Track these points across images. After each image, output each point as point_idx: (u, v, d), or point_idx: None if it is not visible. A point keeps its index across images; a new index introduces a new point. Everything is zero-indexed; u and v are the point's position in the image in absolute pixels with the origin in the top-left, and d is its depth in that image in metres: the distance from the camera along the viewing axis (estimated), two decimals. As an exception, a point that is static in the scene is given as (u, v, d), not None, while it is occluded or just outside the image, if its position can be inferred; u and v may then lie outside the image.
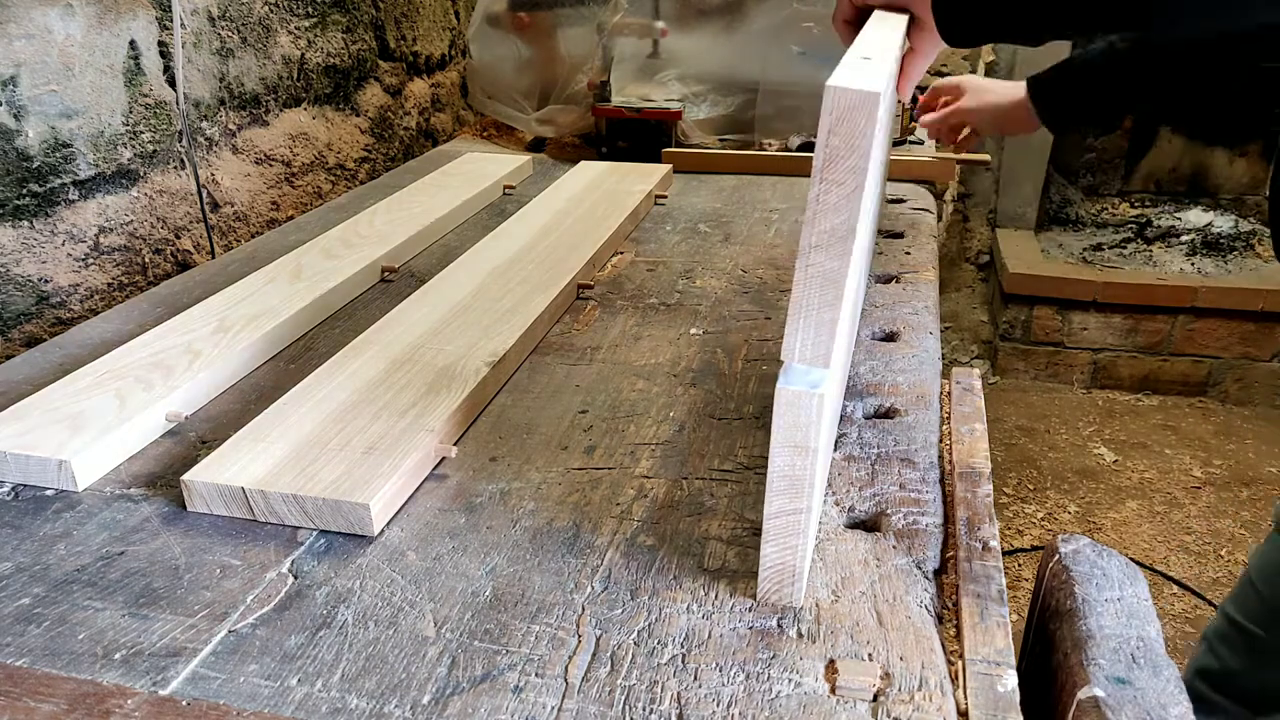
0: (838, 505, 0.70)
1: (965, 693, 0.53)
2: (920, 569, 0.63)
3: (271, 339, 0.94)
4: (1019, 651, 0.64)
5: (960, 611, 0.60)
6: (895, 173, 1.48)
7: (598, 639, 0.57)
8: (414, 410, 0.77)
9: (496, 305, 0.98)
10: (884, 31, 0.68)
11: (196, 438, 0.79)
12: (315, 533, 0.67)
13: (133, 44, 1.22)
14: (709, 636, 0.57)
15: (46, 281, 1.13)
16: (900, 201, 1.41)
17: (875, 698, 0.53)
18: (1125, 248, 2.87)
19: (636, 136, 1.62)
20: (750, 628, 0.58)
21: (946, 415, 0.86)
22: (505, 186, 1.46)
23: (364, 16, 1.72)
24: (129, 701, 0.52)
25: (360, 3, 1.70)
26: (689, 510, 0.69)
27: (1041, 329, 2.79)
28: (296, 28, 1.54)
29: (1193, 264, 2.79)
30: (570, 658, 0.56)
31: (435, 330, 0.92)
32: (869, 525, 0.69)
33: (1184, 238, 2.84)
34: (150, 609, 0.60)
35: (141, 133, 1.25)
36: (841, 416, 0.82)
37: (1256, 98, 2.84)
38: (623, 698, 0.53)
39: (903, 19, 0.77)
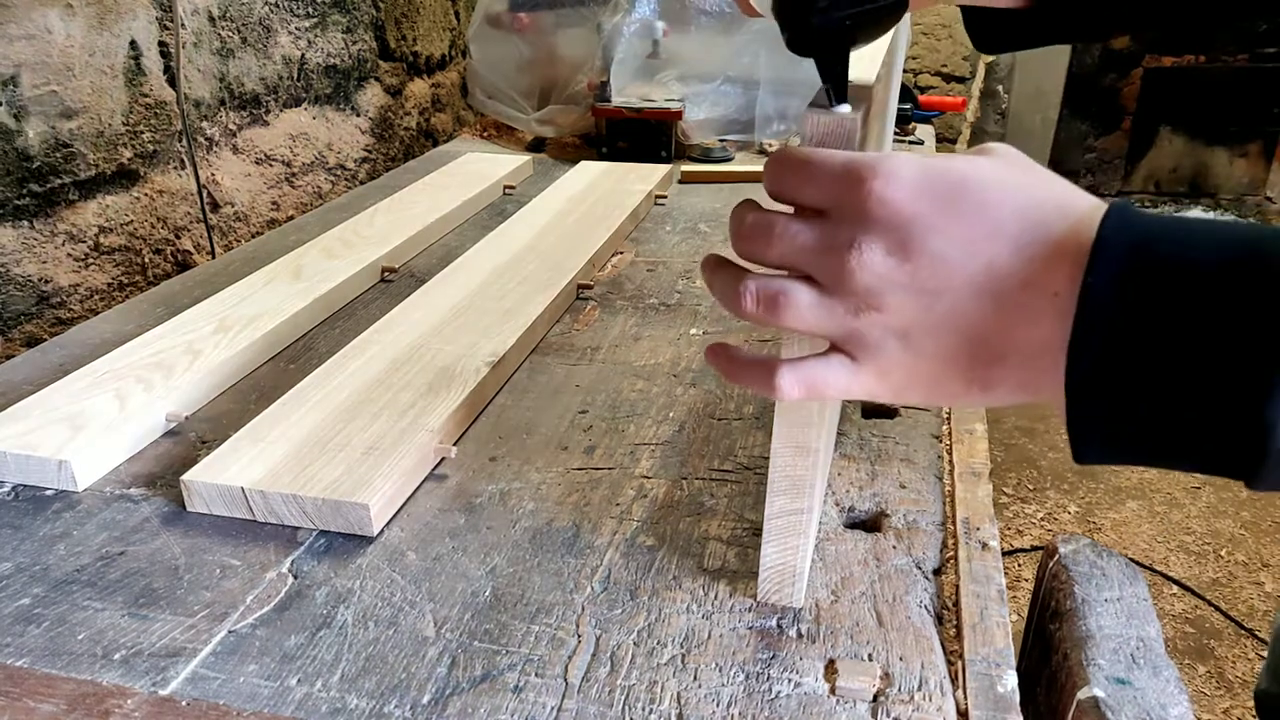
0: (838, 505, 0.70)
1: (965, 693, 0.53)
2: (920, 569, 0.63)
3: (271, 339, 0.94)
4: (1019, 651, 0.64)
5: (960, 611, 0.60)
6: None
7: (598, 639, 0.57)
8: (414, 410, 0.77)
9: (496, 305, 0.98)
10: (869, 46, 0.67)
11: (196, 438, 0.79)
12: (315, 533, 0.67)
13: (133, 44, 1.22)
14: (709, 636, 0.57)
15: (46, 281, 1.13)
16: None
17: (875, 698, 0.53)
18: (1125, 248, 2.87)
19: (636, 136, 1.62)
20: (750, 628, 0.58)
21: (946, 415, 0.86)
22: (505, 186, 1.46)
23: (364, 17, 1.72)
24: (129, 701, 0.52)
25: (360, 3, 1.70)
26: (689, 510, 0.69)
27: (1041, 329, 2.79)
28: (297, 28, 1.54)
29: (1193, 264, 2.79)
30: (570, 658, 0.56)
31: (435, 330, 0.92)
32: (869, 525, 0.69)
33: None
34: (150, 609, 0.60)
35: (142, 133, 1.25)
36: (841, 416, 0.82)
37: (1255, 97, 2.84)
38: (623, 698, 0.53)
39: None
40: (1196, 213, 2.91)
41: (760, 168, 1.56)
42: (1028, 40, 0.65)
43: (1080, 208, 0.37)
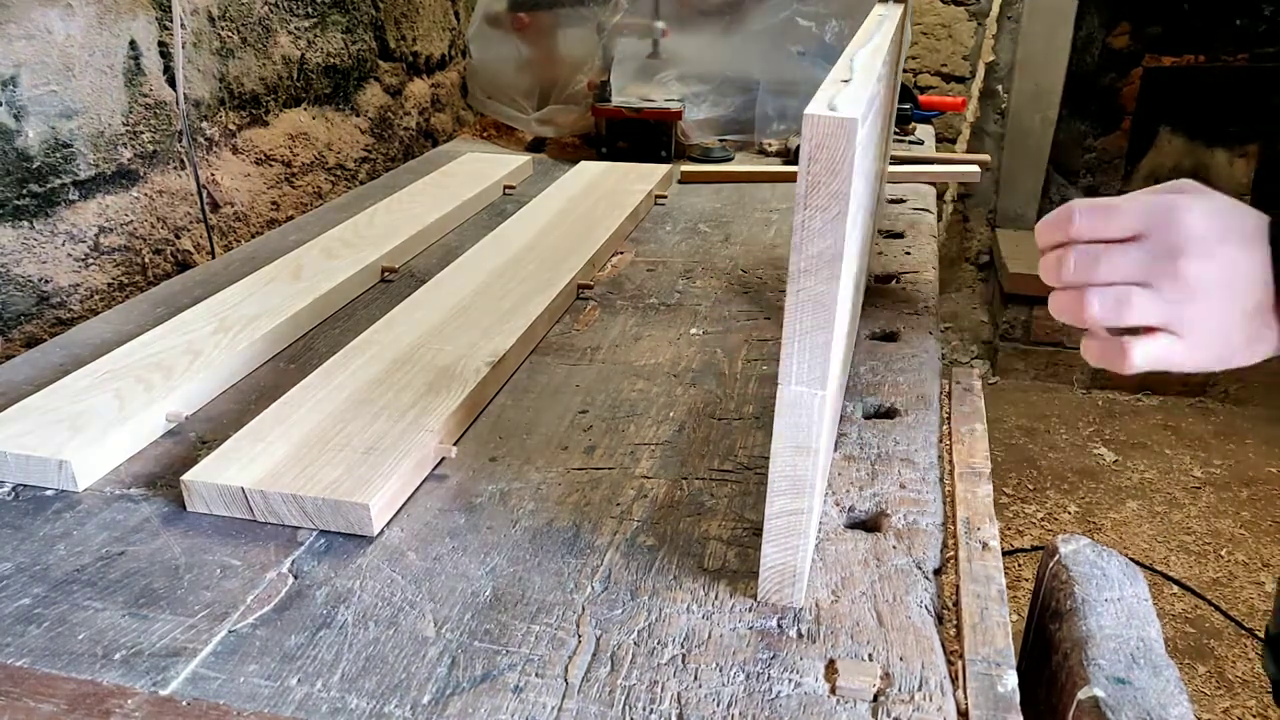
0: (838, 505, 0.70)
1: (965, 693, 0.53)
2: (920, 569, 0.63)
3: (271, 339, 0.94)
4: (1019, 651, 0.64)
5: (960, 611, 0.60)
6: (894, 179, 1.48)
7: (598, 639, 0.57)
8: (414, 410, 0.77)
9: (496, 305, 0.98)
10: (869, 47, 0.68)
11: (196, 438, 0.79)
12: (315, 533, 0.67)
13: (133, 44, 1.22)
14: (709, 636, 0.57)
15: (46, 281, 1.13)
16: (900, 202, 1.41)
17: (875, 698, 0.53)
18: (1125, 248, 2.87)
19: (636, 136, 1.62)
20: (750, 628, 0.58)
21: (946, 415, 0.86)
22: (505, 186, 1.46)
23: (364, 16, 1.72)
24: (129, 701, 0.52)
25: (360, 3, 1.70)
26: (689, 510, 0.69)
27: (1041, 329, 2.79)
28: (296, 28, 1.54)
29: (1193, 264, 2.79)
30: (570, 658, 0.56)
31: (435, 330, 0.92)
32: (869, 525, 0.69)
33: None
34: (150, 609, 0.60)
35: (141, 133, 1.25)
36: (841, 416, 0.82)
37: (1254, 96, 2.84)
38: (623, 698, 0.53)
39: (892, 24, 0.76)
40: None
41: (760, 168, 1.56)
42: None
43: (1252, 213, 0.55)
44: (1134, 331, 0.56)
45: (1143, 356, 0.55)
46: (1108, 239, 0.55)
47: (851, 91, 0.52)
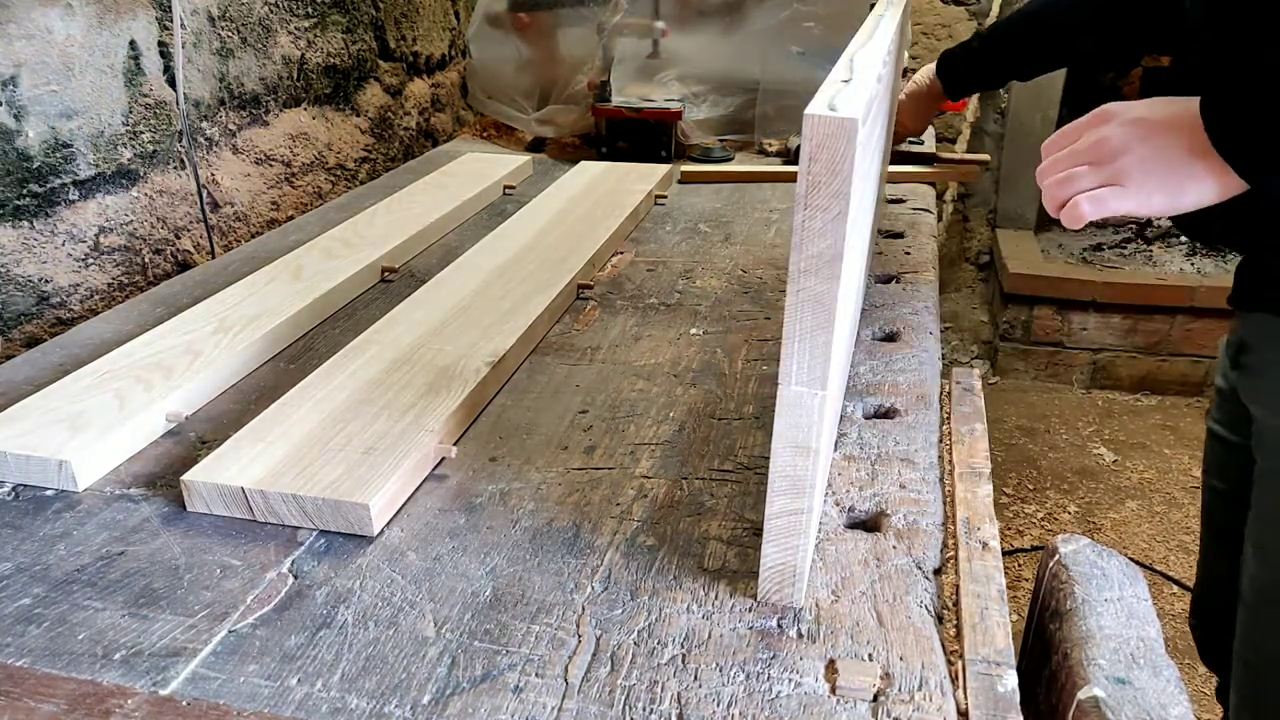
0: (838, 505, 0.70)
1: (965, 693, 0.53)
2: (920, 569, 0.63)
3: (271, 339, 0.94)
4: (1019, 651, 0.64)
5: (960, 611, 0.60)
6: (894, 179, 1.47)
7: (598, 639, 0.57)
8: (414, 410, 0.77)
9: (496, 305, 0.98)
10: (869, 47, 0.68)
11: (196, 438, 0.79)
12: (315, 533, 0.67)
13: (133, 44, 1.22)
14: (709, 636, 0.57)
15: (47, 281, 1.13)
16: (900, 202, 1.41)
17: (875, 698, 0.53)
18: (1125, 248, 2.87)
19: (636, 136, 1.62)
20: (750, 628, 0.58)
21: (946, 415, 0.86)
22: (505, 186, 1.46)
23: (364, 16, 1.72)
24: (129, 701, 0.52)
25: (360, 3, 1.70)
26: (689, 510, 0.69)
27: (1041, 329, 2.79)
28: (296, 28, 1.54)
29: (1192, 264, 2.79)
30: (570, 658, 0.56)
31: (435, 330, 0.92)
32: (869, 525, 0.69)
33: (1184, 238, 2.84)
34: (150, 609, 0.60)
35: (141, 133, 1.25)
36: (841, 416, 0.82)
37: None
38: (623, 698, 0.53)
39: (892, 24, 0.77)
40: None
41: (760, 168, 1.56)
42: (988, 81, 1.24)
43: (1181, 99, 0.70)
44: None
45: (1090, 205, 0.69)
46: (1066, 144, 0.73)
47: (851, 91, 0.52)
